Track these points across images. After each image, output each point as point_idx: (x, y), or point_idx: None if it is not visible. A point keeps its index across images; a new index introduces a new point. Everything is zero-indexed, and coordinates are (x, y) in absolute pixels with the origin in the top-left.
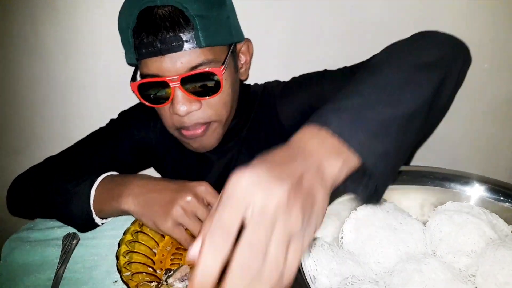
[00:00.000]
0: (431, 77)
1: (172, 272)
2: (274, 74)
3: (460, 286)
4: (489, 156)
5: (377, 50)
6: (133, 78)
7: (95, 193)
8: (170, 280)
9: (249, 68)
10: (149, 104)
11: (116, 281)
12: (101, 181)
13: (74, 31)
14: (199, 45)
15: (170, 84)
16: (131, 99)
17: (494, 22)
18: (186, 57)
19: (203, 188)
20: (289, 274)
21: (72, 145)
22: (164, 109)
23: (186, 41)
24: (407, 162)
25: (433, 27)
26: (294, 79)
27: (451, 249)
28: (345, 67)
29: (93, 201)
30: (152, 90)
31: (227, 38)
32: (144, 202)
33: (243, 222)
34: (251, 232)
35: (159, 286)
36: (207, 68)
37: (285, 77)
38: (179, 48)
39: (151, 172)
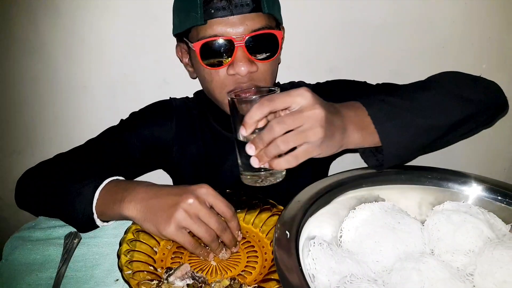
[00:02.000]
0: (464, 110)
1: (173, 270)
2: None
3: (458, 285)
4: (487, 156)
5: (378, 50)
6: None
7: (98, 196)
8: (170, 279)
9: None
10: (207, 67)
11: (117, 280)
12: (106, 184)
13: (75, 32)
14: (263, 11)
15: (235, 43)
16: (131, 99)
17: (492, 23)
18: (251, 20)
19: (205, 190)
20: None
21: (83, 144)
22: (217, 73)
23: (253, 5)
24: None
25: (432, 27)
26: (332, 81)
27: (449, 248)
28: (381, 84)
29: (96, 204)
30: (212, 51)
31: (279, 14)
32: (146, 209)
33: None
34: (290, 115)
35: (160, 284)
36: (270, 31)
37: (286, 76)
38: (247, 10)
39: (159, 173)
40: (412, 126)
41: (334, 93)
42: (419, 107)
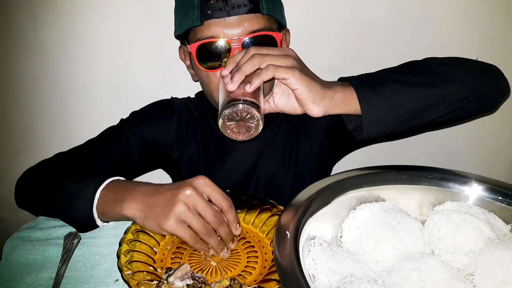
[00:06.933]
0: (448, 82)
1: (172, 271)
2: None
3: (458, 285)
4: (487, 156)
5: (378, 50)
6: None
7: (99, 196)
8: (170, 279)
9: None
10: (203, 69)
11: (117, 280)
12: (107, 185)
13: (75, 31)
14: (262, 12)
15: (231, 45)
16: (131, 99)
17: (492, 23)
18: (249, 21)
19: (202, 181)
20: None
21: (83, 143)
22: (214, 75)
23: (251, 6)
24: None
25: (432, 27)
26: None
27: (450, 248)
28: None
29: (97, 204)
30: (209, 53)
31: (281, 16)
32: (146, 207)
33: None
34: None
35: (159, 285)
36: (268, 32)
37: None
38: (244, 11)
39: (159, 173)
40: (394, 92)
41: None
42: (401, 75)
